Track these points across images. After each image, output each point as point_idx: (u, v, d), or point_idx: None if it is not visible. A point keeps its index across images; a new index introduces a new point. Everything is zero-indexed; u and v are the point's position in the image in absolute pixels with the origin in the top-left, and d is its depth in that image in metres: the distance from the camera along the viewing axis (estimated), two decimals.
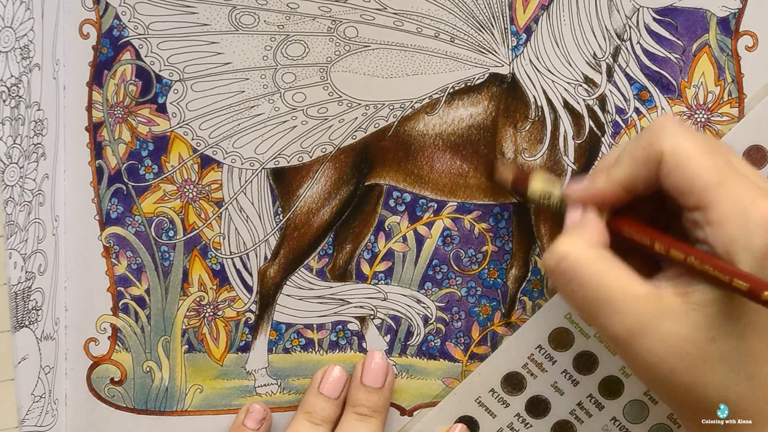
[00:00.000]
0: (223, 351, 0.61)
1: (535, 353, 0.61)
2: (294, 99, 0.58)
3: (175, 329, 0.61)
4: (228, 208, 0.59)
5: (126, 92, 0.58)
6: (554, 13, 0.57)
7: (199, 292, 0.60)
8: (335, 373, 0.60)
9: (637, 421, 0.61)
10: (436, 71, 0.58)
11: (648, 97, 0.58)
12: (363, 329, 0.61)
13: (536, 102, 0.58)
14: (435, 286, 0.61)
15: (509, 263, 0.61)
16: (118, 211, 0.59)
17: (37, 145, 0.57)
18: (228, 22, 0.57)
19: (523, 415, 0.62)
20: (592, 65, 0.58)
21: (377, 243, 0.60)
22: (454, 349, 0.61)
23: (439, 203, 0.60)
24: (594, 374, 0.61)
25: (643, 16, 0.57)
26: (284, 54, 0.57)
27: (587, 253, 0.48)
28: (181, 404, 0.61)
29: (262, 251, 0.60)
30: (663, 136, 0.48)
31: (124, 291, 0.60)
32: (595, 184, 0.51)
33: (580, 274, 0.48)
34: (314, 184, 0.59)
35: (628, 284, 0.47)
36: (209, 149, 0.59)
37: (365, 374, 0.60)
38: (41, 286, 0.58)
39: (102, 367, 0.61)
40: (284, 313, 0.61)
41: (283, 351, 0.61)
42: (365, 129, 0.59)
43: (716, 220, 0.45)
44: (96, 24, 0.57)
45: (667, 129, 0.48)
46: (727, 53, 0.58)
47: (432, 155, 0.59)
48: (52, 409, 0.60)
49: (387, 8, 0.57)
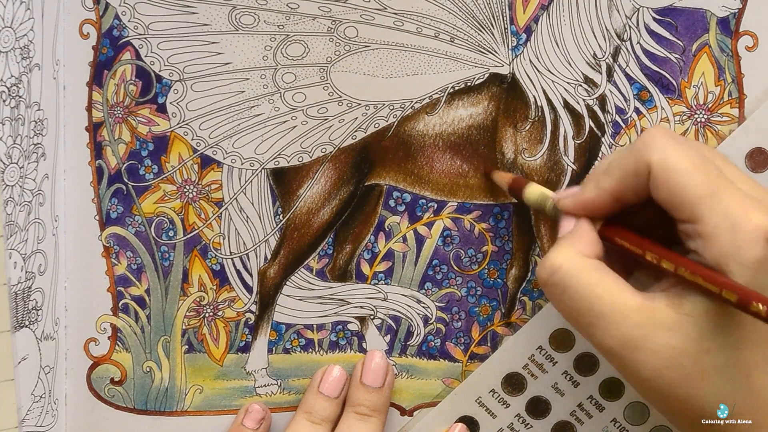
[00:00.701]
0: (223, 351, 0.61)
1: (536, 354, 0.61)
2: (294, 99, 0.58)
3: (175, 329, 0.61)
4: (228, 208, 0.60)
5: (126, 92, 0.58)
6: (554, 13, 0.58)
7: (199, 293, 0.61)
8: (335, 372, 0.61)
9: (638, 422, 0.62)
10: (436, 71, 0.58)
11: (648, 97, 0.58)
12: (363, 329, 0.62)
13: (536, 102, 0.59)
14: (435, 286, 0.61)
15: (509, 263, 0.61)
16: (118, 211, 0.59)
17: (37, 145, 0.57)
18: (228, 22, 0.57)
19: (523, 415, 0.62)
20: (592, 65, 0.58)
21: (377, 243, 0.61)
22: (454, 349, 0.62)
23: (439, 203, 0.60)
24: (595, 375, 0.61)
25: (643, 16, 0.57)
26: (284, 54, 0.58)
27: (579, 264, 0.48)
28: (181, 404, 0.62)
29: (262, 251, 0.61)
30: (651, 149, 0.47)
31: (124, 291, 0.60)
32: (585, 193, 0.51)
33: (572, 286, 0.48)
34: (314, 185, 0.60)
35: (620, 296, 0.47)
36: (209, 149, 0.59)
37: (365, 373, 0.60)
38: (41, 286, 0.58)
39: (102, 367, 0.61)
40: (284, 314, 0.61)
41: (283, 351, 0.62)
42: (365, 129, 0.59)
43: (707, 233, 0.45)
44: (96, 24, 0.57)
45: (656, 141, 0.47)
46: (727, 53, 0.58)
47: (432, 155, 0.59)
48: (52, 409, 0.60)
49: (387, 8, 0.57)
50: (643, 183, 0.48)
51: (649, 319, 0.46)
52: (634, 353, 0.46)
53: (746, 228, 0.44)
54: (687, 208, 0.46)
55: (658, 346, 0.45)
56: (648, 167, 0.47)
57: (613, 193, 0.49)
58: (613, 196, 0.50)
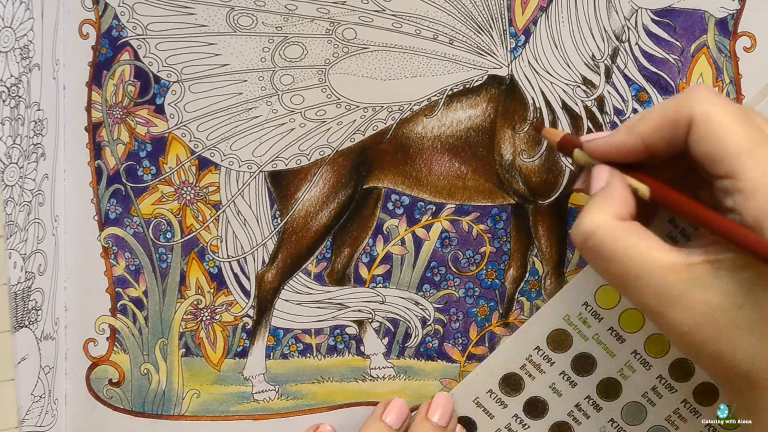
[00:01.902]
0: (220, 356, 0.62)
1: (534, 354, 0.61)
2: (292, 101, 0.59)
3: (173, 332, 0.62)
4: (225, 211, 0.60)
5: (125, 93, 0.59)
6: (553, 14, 0.58)
7: (197, 296, 0.61)
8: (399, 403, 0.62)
9: (635, 423, 0.62)
10: (435, 73, 0.59)
11: (646, 98, 0.59)
12: (361, 333, 0.62)
13: (535, 103, 0.59)
14: (433, 288, 0.62)
15: (507, 264, 0.61)
16: (116, 211, 0.60)
17: (37, 145, 0.58)
18: (226, 23, 0.58)
19: (520, 416, 0.62)
20: (590, 66, 0.59)
21: (375, 246, 0.61)
22: (451, 350, 0.62)
23: (438, 205, 0.61)
24: (592, 376, 0.61)
25: (641, 17, 0.58)
26: (282, 56, 0.58)
27: (613, 227, 0.48)
28: (179, 408, 0.62)
29: (259, 255, 0.61)
30: (696, 101, 0.47)
31: (123, 292, 0.61)
32: (617, 135, 0.51)
33: (607, 250, 0.48)
34: (312, 188, 0.60)
35: (655, 255, 0.47)
36: (207, 151, 0.60)
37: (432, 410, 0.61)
38: (41, 286, 0.59)
39: (101, 368, 0.62)
40: (282, 318, 0.62)
41: (280, 357, 0.62)
42: (363, 132, 0.60)
43: (746, 189, 0.45)
44: (95, 24, 0.58)
45: (701, 95, 0.48)
46: (725, 54, 0.58)
47: (430, 157, 0.60)
48: (51, 409, 0.60)
49: (385, 10, 0.58)
50: (680, 134, 0.48)
51: (685, 276, 0.46)
52: (670, 310, 0.47)
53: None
54: (727, 162, 0.46)
55: (694, 303, 0.46)
56: (689, 119, 0.47)
57: (647, 139, 0.50)
58: (645, 142, 0.50)
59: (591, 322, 0.60)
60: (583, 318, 0.60)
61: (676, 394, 0.61)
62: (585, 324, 0.60)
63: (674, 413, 0.62)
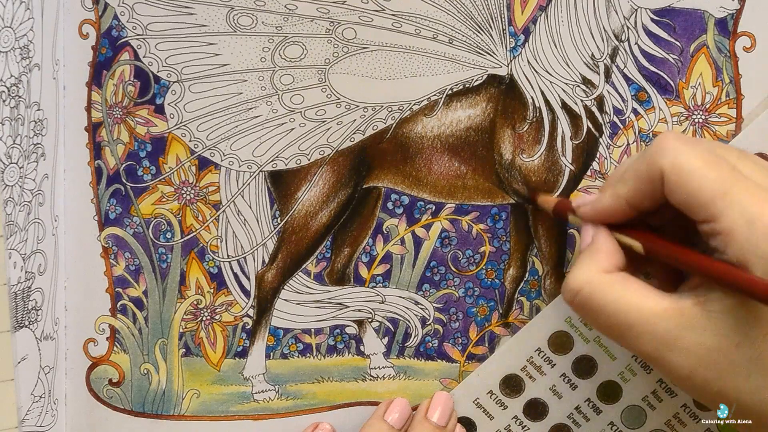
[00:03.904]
0: (220, 356, 0.63)
1: (534, 356, 0.62)
2: (292, 101, 0.60)
3: (173, 332, 0.62)
4: (225, 211, 0.61)
5: (125, 93, 0.59)
6: (552, 14, 0.59)
7: (197, 295, 0.62)
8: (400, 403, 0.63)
9: (635, 426, 0.63)
10: (435, 73, 0.60)
11: (646, 98, 0.59)
12: (361, 333, 0.63)
13: (534, 103, 0.60)
14: (433, 288, 0.62)
15: (507, 264, 0.62)
16: (116, 211, 0.61)
17: (37, 145, 0.59)
18: (226, 23, 0.58)
19: (520, 417, 0.63)
20: (590, 66, 0.59)
21: (375, 246, 0.62)
22: (451, 350, 0.63)
23: (437, 205, 0.61)
24: (592, 378, 0.62)
25: (641, 17, 0.59)
26: (282, 55, 0.59)
27: (599, 281, 0.50)
28: (178, 408, 0.63)
29: (259, 255, 0.62)
30: (662, 153, 0.49)
31: (122, 292, 0.62)
32: (602, 201, 0.53)
33: (596, 304, 0.50)
34: (312, 187, 0.61)
35: (646, 304, 0.49)
36: (207, 151, 0.60)
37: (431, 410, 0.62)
38: (41, 286, 0.60)
39: (101, 368, 0.62)
40: (282, 318, 0.63)
41: (280, 357, 0.63)
42: (363, 131, 0.60)
43: (724, 230, 0.46)
44: (95, 24, 0.59)
45: (667, 146, 0.49)
46: (725, 54, 0.59)
47: (430, 157, 0.61)
48: (51, 409, 0.61)
49: (385, 10, 0.58)
50: (658, 188, 0.49)
51: (678, 320, 0.47)
52: (668, 355, 0.48)
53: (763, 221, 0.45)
54: (703, 208, 0.47)
55: (690, 346, 0.47)
56: (661, 172, 0.48)
57: (629, 200, 0.51)
58: (629, 203, 0.51)
59: None
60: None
61: (676, 398, 0.62)
62: (586, 326, 0.61)
63: (674, 417, 0.63)
